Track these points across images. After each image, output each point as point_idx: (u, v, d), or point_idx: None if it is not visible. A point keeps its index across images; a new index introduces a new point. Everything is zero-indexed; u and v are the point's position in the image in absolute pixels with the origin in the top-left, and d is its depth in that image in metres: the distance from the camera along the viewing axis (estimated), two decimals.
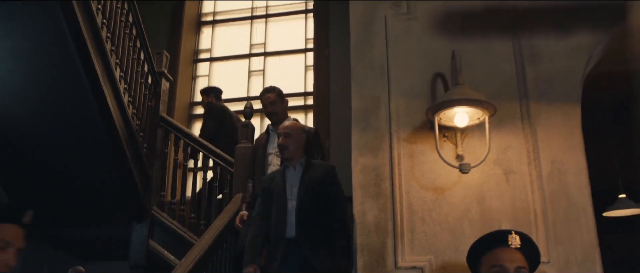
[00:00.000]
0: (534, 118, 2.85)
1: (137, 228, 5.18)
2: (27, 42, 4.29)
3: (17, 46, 4.31)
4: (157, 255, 5.12)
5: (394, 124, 2.93)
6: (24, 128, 4.80)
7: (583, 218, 2.70)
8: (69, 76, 4.49)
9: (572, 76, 2.89)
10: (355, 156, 2.93)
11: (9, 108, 4.65)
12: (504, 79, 2.94)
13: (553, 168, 2.77)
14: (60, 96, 4.61)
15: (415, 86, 2.99)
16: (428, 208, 2.78)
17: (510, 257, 2.13)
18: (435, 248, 2.73)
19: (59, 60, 4.39)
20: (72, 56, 4.36)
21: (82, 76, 4.47)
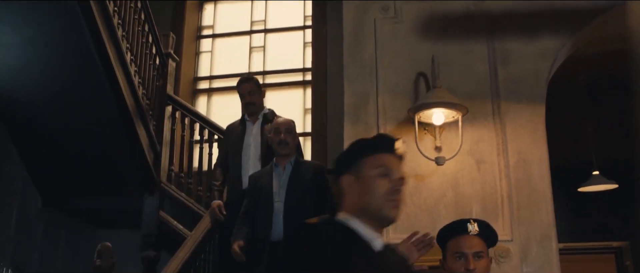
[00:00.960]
0: (503, 114, 3.27)
1: (148, 200, 5.61)
2: (46, 31, 4.66)
3: (37, 34, 4.68)
4: (167, 225, 5.57)
5: (381, 118, 3.34)
6: (43, 108, 5.19)
7: (543, 202, 3.14)
8: (85, 61, 4.86)
9: (538, 77, 3.30)
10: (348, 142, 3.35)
11: (30, 91, 5.04)
12: (478, 79, 3.34)
13: (519, 159, 3.20)
14: (76, 80, 4.99)
15: (400, 83, 3.40)
16: (409, 193, 3.22)
17: (470, 243, 2.55)
18: (416, 228, 3.16)
19: (75, 47, 4.76)
20: (87, 43, 4.73)
21: (97, 61, 4.85)
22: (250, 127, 4.44)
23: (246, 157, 4.34)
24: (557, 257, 3.07)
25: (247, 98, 4.49)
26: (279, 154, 3.73)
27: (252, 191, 3.72)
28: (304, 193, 3.57)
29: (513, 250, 3.06)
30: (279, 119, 3.95)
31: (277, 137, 3.72)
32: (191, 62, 7.71)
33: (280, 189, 3.61)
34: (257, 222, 3.61)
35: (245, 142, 4.40)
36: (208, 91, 7.65)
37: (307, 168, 3.70)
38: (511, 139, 3.22)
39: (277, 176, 3.67)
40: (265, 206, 3.59)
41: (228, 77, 7.29)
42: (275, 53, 7.57)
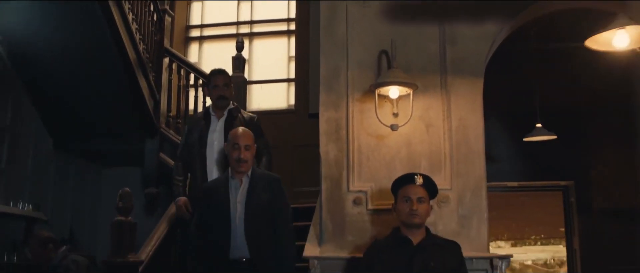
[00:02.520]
0: (449, 86, 4.09)
1: (149, 143, 6.45)
2: None
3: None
4: (167, 165, 6.42)
5: (350, 88, 4.15)
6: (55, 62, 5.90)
7: (477, 159, 4.01)
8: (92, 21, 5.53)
9: (479, 56, 4.11)
10: (322, 111, 4.18)
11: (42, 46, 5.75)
12: (430, 56, 4.14)
13: (459, 124, 4.05)
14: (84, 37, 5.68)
15: (366, 59, 4.19)
16: (371, 150, 4.08)
17: (415, 191, 3.42)
18: (375, 178, 4.05)
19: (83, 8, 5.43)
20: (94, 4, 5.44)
21: (103, 20, 5.56)
22: (214, 122, 4.46)
23: (210, 154, 4.37)
24: (485, 202, 3.98)
25: (221, 90, 4.48)
26: (237, 171, 3.64)
27: (206, 204, 3.67)
28: (262, 208, 3.58)
29: (451, 196, 3.95)
30: (237, 132, 3.74)
31: (236, 153, 3.62)
32: (183, 11, 8.38)
33: (238, 204, 3.57)
34: (214, 239, 3.56)
35: (209, 139, 4.41)
36: (199, 39, 8.37)
37: (263, 180, 3.67)
38: (454, 107, 4.06)
39: (234, 190, 3.62)
40: (222, 223, 3.55)
41: (218, 26, 8.00)
42: (262, 3, 8.27)
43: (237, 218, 3.56)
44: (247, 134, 3.71)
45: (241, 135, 3.69)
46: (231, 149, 3.65)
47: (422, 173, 3.49)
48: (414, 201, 3.36)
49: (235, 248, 3.53)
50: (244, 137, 3.68)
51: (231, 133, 3.76)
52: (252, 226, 3.55)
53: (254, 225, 3.55)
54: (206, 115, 4.57)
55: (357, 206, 4.02)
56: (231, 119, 4.48)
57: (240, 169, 3.62)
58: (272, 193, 3.65)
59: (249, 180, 3.65)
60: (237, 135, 3.69)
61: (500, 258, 3.81)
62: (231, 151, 3.65)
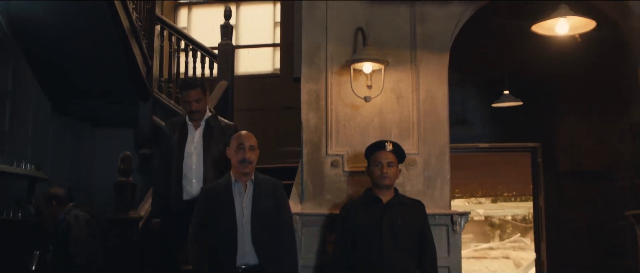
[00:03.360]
0: (418, 61, 4.61)
1: (142, 106, 6.94)
2: None
3: None
4: (160, 128, 6.94)
5: (329, 62, 4.66)
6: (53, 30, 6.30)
7: (442, 128, 4.56)
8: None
9: (445, 34, 4.62)
10: (304, 83, 4.69)
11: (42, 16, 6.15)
12: (402, 34, 4.65)
13: (427, 95, 4.58)
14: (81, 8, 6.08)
15: (344, 36, 4.69)
16: (348, 118, 4.61)
17: (385, 156, 3.97)
18: (351, 144, 4.59)
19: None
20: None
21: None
22: (192, 133, 4.49)
23: (188, 166, 4.40)
24: (448, 165, 4.54)
25: (193, 106, 4.48)
26: (240, 173, 3.69)
27: (210, 209, 3.65)
28: (268, 214, 3.64)
29: (418, 160, 4.51)
30: (241, 134, 3.82)
31: (240, 154, 3.67)
32: None
33: (245, 210, 3.62)
34: (219, 246, 3.58)
35: (187, 149, 4.43)
36: (188, 4, 8.78)
37: (267, 185, 3.74)
38: (422, 80, 4.58)
39: (238, 194, 3.66)
40: (228, 229, 3.58)
41: None
42: None
43: (243, 224, 3.59)
44: (252, 135, 3.77)
45: (245, 136, 3.75)
46: (235, 151, 3.68)
47: (392, 141, 4.04)
48: (384, 165, 3.93)
49: (242, 254, 3.56)
50: (249, 138, 3.73)
51: (235, 135, 3.84)
52: (259, 232, 3.59)
53: (260, 231, 3.59)
54: (183, 125, 4.55)
55: (335, 169, 4.57)
56: (209, 128, 4.53)
57: (245, 170, 3.65)
58: (277, 199, 3.71)
59: (253, 185, 3.68)
60: (242, 136, 3.76)
61: (459, 214, 4.39)
62: (235, 153, 3.68)
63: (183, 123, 4.56)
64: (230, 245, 3.56)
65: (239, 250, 3.56)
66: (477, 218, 16.77)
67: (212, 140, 4.44)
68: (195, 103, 4.45)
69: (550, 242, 7.23)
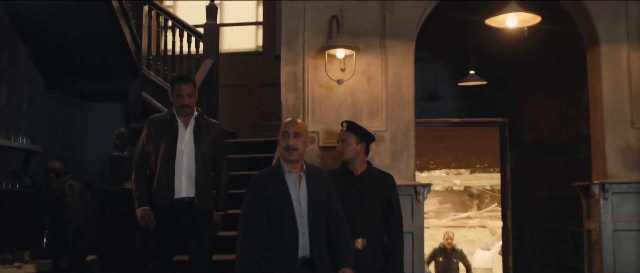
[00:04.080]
0: (387, 47, 5.17)
1: (132, 83, 7.44)
2: None
3: None
4: (148, 102, 7.46)
5: (306, 47, 5.21)
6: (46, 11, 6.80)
7: (408, 107, 5.14)
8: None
9: (412, 22, 5.18)
10: (283, 66, 5.24)
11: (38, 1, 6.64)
12: (373, 22, 5.20)
13: (394, 78, 5.15)
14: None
15: (320, 23, 5.23)
16: (323, 98, 5.17)
17: (341, 134, 4.45)
18: (325, 121, 5.17)
19: None
20: None
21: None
22: (182, 131, 4.44)
23: (179, 164, 4.37)
24: (413, 141, 5.13)
25: (185, 100, 4.43)
26: (287, 160, 3.63)
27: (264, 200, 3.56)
28: (322, 206, 3.65)
29: (386, 136, 5.10)
30: (288, 120, 3.78)
31: (284, 141, 3.61)
32: None
33: (301, 201, 3.58)
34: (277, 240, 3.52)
35: (178, 148, 4.40)
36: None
37: (318, 176, 3.73)
38: (390, 64, 5.15)
39: (292, 185, 3.61)
40: (287, 221, 3.53)
41: None
42: None
43: (300, 216, 3.56)
44: (297, 122, 3.71)
45: (290, 122, 3.70)
46: (281, 138, 3.64)
47: (347, 120, 4.52)
48: (340, 142, 4.44)
49: (301, 248, 3.54)
50: (294, 124, 3.66)
51: (283, 123, 3.79)
52: (315, 225, 3.58)
53: (317, 223, 3.59)
54: (171, 122, 4.50)
55: (311, 144, 5.13)
56: (198, 126, 4.52)
57: (291, 157, 3.59)
58: (328, 191, 3.73)
59: (305, 175, 3.65)
60: (287, 122, 3.73)
61: (422, 186, 5.00)
62: (281, 139, 3.64)
63: (171, 119, 4.49)
64: (291, 239, 3.52)
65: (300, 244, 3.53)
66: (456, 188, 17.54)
67: (201, 138, 4.46)
68: (187, 97, 4.43)
69: (515, 209, 7.88)
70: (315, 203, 3.60)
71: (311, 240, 3.55)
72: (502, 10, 4.51)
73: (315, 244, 3.56)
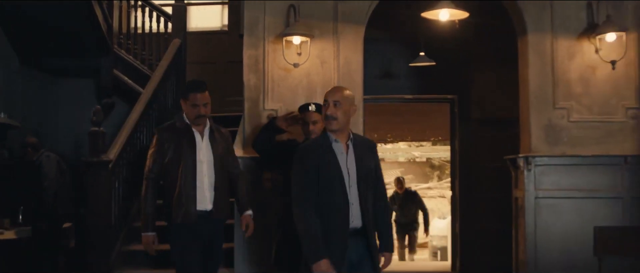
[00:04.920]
0: (339, 33, 5.83)
1: (104, 61, 8.01)
2: None
3: None
4: (119, 79, 8.06)
5: (266, 33, 5.85)
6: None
7: (357, 87, 5.82)
8: None
9: (362, 11, 5.85)
10: (245, 49, 5.88)
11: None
12: (327, 10, 5.85)
13: (345, 61, 5.84)
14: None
15: (279, 11, 5.86)
16: (281, 79, 5.84)
17: (312, 116, 5.12)
18: (283, 100, 5.83)
19: None
20: None
21: None
22: (199, 141, 4.35)
23: (200, 176, 4.29)
24: (362, 119, 5.84)
25: (200, 110, 4.31)
26: (330, 130, 3.62)
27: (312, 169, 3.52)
28: (370, 176, 3.64)
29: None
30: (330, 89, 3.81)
31: (325, 110, 3.63)
32: None
33: (349, 171, 3.57)
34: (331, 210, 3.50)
35: (198, 158, 4.31)
36: None
37: (364, 145, 3.72)
38: (342, 49, 5.82)
39: (340, 154, 3.59)
40: (338, 191, 3.52)
41: None
42: None
43: (349, 185, 3.55)
44: (339, 90, 3.74)
45: (331, 90, 3.77)
46: (323, 107, 3.69)
47: (315, 102, 5.21)
48: (310, 124, 5.09)
49: (352, 217, 3.55)
50: (333, 92, 3.69)
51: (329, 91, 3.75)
52: (365, 194, 3.58)
53: (366, 193, 3.58)
54: (187, 131, 4.36)
55: None
56: (212, 134, 4.45)
57: (331, 127, 3.59)
58: (375, 160, 3.73)
59: (352, 145, 3.64)
60: (328, 91, 3.77)
61: None
62: (323, 109, 3.68)
63: (187, 129, 4.36)
64: (341, 209, 3.52)
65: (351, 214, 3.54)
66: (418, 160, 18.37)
67: (217, 146, 4.41)
68: (203, 107, 4.31)
69: (462, 180, 8.67)
70: (363, 172, 3.58)
71: (362, 210, 3.55)
72: (436, 6, 5.23)
73: (366, 214, 3.56)
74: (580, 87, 5.84)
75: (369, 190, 3.61)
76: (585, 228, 5.73)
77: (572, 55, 5.86)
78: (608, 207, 5.76)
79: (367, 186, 3.61)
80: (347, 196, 3.53)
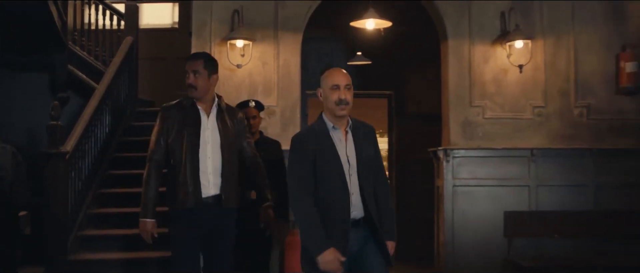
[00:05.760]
0: (279, 38, 6.53)
1: (59, 56, 8.48)
2: None
3: None
4: (74, 75, 8.57)
5: (213, 36, 6.51)
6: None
7: (295, 87, 6.54)
8: None
9: (300, 16, 6.55)
10: (194, 50, 6.52)
11: None
12: (268, 16, 6.54)
13: (284, 63, 6.54)
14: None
15: (224, 16, 6.52)
16: (226, 78, 6.50)
17: (251, 112, 5.81)
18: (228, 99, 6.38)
19: None
20: None
21: None
22: (204, 119, 4.10)
23: (203, 158, 4.02)
24: (299, 115, 6.55)
25: (189, 78, 4.15)
26: (336, 116, 3.43)
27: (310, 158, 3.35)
28: (371, 162, 3.48)
29: (277, 111, 6.49)
30: (334, 71, 3.49)
31: (335, 94, 3.39)
32: None
33: (349, 158, 3.41)
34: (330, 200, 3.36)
35: (202, 139, 4.04)
36: None
37: (362, 130, 3.54)
38: (281, 51, 6.52)
39: (338, 142, 3.42)
40: (338, 180, 3.37)
41: None
42: None
43: (348, 174, 3.40)
44: (346, 72, 3.52)
45: (340, 74, 3.49)
46: (329, 91, 3.43)
47: (254, 99, 5.90)
48: (250, 119, 5.75)
49: (353, 206, 3.40)
50: (345, 76, 3.49)
51: (327, 72, 3.51)
52: (366, 183, 3.44)
53: (367, 182, 3.45)
54: (192, 108, 4.14)
55: None
56: (221, 113, 4.22)
57: (342, 113, 3.41)
58: (375, 146, 3.58)
59: (351, 131, 3.48)
60: (335, 74, 3.48)
61: None
62: (330, 93, 3.42)
63: (192, 106, 4.14)
64: (342, 199, 3.37)
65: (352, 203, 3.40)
66: None
67: (226, 126, 4.16)
68: (192, 75, 4.16)
69: (398, 171, 9.48)
70: (364, 159, 3.44)
71: (363, 199, 3.43)
72: (363, 16, 5.99)
73: (369, 203, 3.43)
74: (493, 88, 6.66)
75: (369, 178, 3.47)
76: (497, 213, 6.56)
77: (487, 59, 6.67)
78: (516, 194, 6.61)
79: (368, 175, 3.47)
80: (347, 186, 3.38)
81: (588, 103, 6.68)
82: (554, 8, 6.67)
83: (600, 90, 6.69)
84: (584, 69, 6.68)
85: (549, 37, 6.66)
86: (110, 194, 7.15)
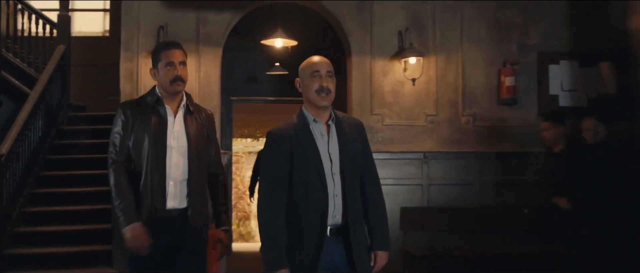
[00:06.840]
0: (200, 52, 7.35)
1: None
2: None
3: None
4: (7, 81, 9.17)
5: (140, 49, 7.28)
6: None
7: (215, 96, 7.37)
8: None
9: (219, 34, 7.40)
10: (122, 62, 7.28)
11: None
12: (191, 32, 7.35)
13: (205, 75, 7.36)
14: None
15: (151, 31, 7.30)
16: None
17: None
18: None
19: None
20: None
21: None
22: (170, 120, 3.59)
23: (168, 164, 3.50)
24: (217, 123, 7.41)
25: (177, 71, 3.63)
26: (318, 107, 3.15)
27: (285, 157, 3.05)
28: (357, 161, 3.14)
29: None
30: (314, 59, 3.25)
31: (316, 83, 3.13)
32: None
33: (332, 157, 3.08)
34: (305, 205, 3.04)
35: (168, 142, 3.52)
36: None
37: (348, 124, 3.22)
38: (203, 65, 7.34)
39: (320, 138, 3.10)
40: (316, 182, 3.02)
41: None
42: None
43: (332, 174, 3.06)
44: (326, 60, 3.24)
45: (321, 61, 3.23)
46: (309, 79, 3.18)
47: None
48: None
49: (332, 213, 3.05)
50: (325, 62, 3.22)
51: (306, 62, 3.27)
52: (350, 184, 3.09)
53: (352, 182, 3.10)
54: (157, 107, 3.61)
55: None
56: (189, 113, 3.70)
57: (323, 103, 3.12)
58: (363, 142, 3.24)
59: (335, 124, 3.17)
60: (315, 62, 3.23)
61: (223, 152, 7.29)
62: (310, 82, 3.17)
63: (156, 104, 3.64)
64: (320, 202, 3.03)
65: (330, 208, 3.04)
66: None
67: (194, 129, 3.65)
68: (180, 67, 3.67)
69: None
70: (348, 156, 3.10)
71: (345, 203, 3.07)
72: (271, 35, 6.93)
73: (351, 208, 3.07)
74: (391, 98, 7.65)
75: (355, 178, 3.13)
76: (394, 209, 7.51)
77: (386, 73, 7.66)
78: (411, 192, 7.61)
79: (353, 174, 3.12)
80: (326, 188, 3.04)
81: (474, 112, 7.73)
82: (445, 28, 7.70)
83: (484, 101, 7.75)
84: (470, 82, 7.74)
85: (440, 54, 7.69)
86: (43, 193, 7.81)
